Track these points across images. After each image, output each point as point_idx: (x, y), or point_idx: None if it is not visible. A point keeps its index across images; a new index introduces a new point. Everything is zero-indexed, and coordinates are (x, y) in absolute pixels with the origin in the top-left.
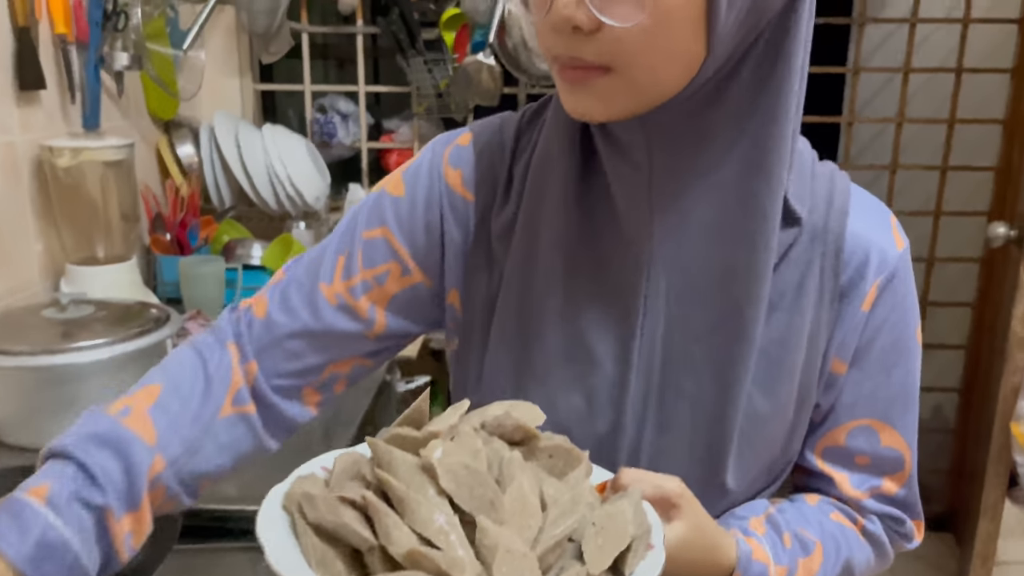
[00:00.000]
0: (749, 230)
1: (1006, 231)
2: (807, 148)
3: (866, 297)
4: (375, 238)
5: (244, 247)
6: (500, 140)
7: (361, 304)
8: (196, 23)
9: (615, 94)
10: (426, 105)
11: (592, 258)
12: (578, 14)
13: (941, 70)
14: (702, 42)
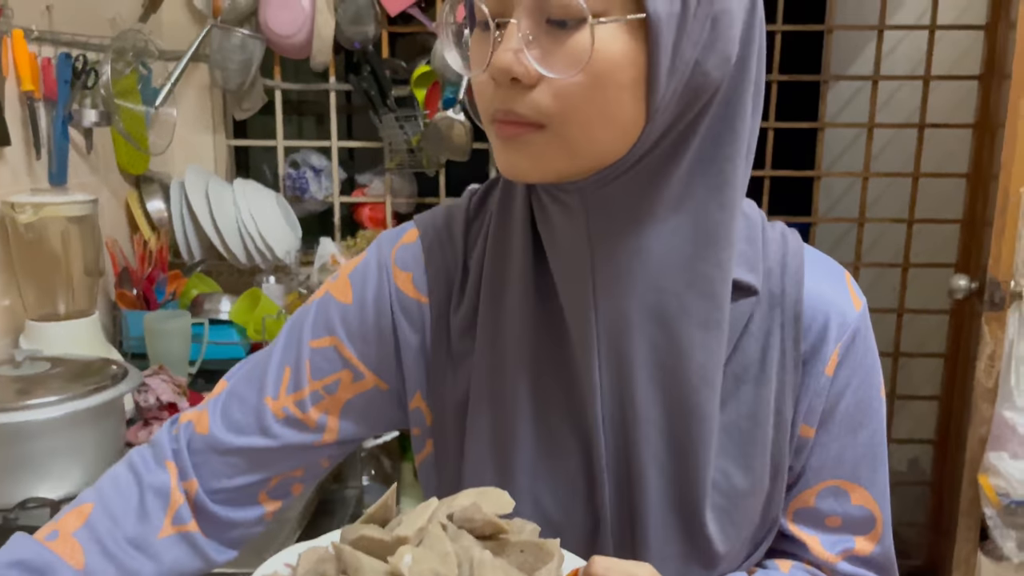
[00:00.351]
0: (698, 312)
1: (967, 283)
2: (754, 211)
3: (829, 361)
4: (323, 347)
5: (212, 301)
6: (449, 234)
7: (311, 415)
8: (169, 80)
9: (549, 152)
10: (398, 160)
11: (554, 349)
12: (516, 65)
13: (905, 125)
14: (642, 108)
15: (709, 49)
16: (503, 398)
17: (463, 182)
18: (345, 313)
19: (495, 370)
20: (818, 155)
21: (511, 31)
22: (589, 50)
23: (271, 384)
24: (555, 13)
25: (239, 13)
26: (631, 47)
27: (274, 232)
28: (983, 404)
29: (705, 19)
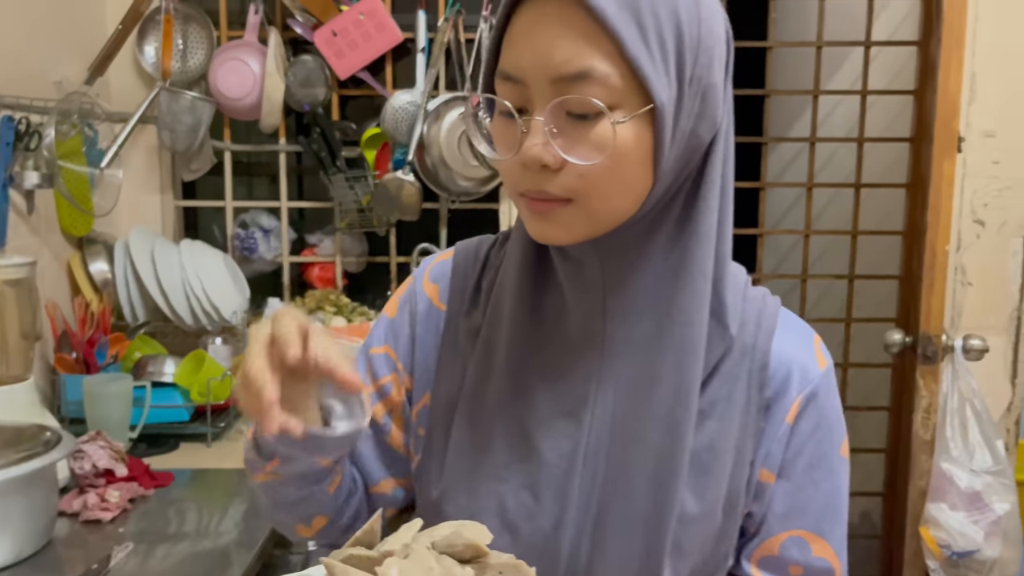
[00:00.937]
0: (680, 340)
1: (902, 338)
2: (742, 274)
3: (790, 410)
4: (379, 354)
5: (156, 364)
6: (475, 256)
7: (375, 411)
8: (115, 142)
9: (576, 222)
10: (348, 220)
11: (542, 369)
12: (545, 155)
13: (841, 185)
14: (650, 175)
15: (700, 118)
16: (486, 404)
17: (414, 241)
18: (391, 325)
19: (484, 379)
20: (760, 214)
21: (537, 125)
22: (610, 140)
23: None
24: (575, 109)
25: (188, 76)
26: (641, 130)
27: (221, 293)
28: (922, 456)
29: (696, 95)
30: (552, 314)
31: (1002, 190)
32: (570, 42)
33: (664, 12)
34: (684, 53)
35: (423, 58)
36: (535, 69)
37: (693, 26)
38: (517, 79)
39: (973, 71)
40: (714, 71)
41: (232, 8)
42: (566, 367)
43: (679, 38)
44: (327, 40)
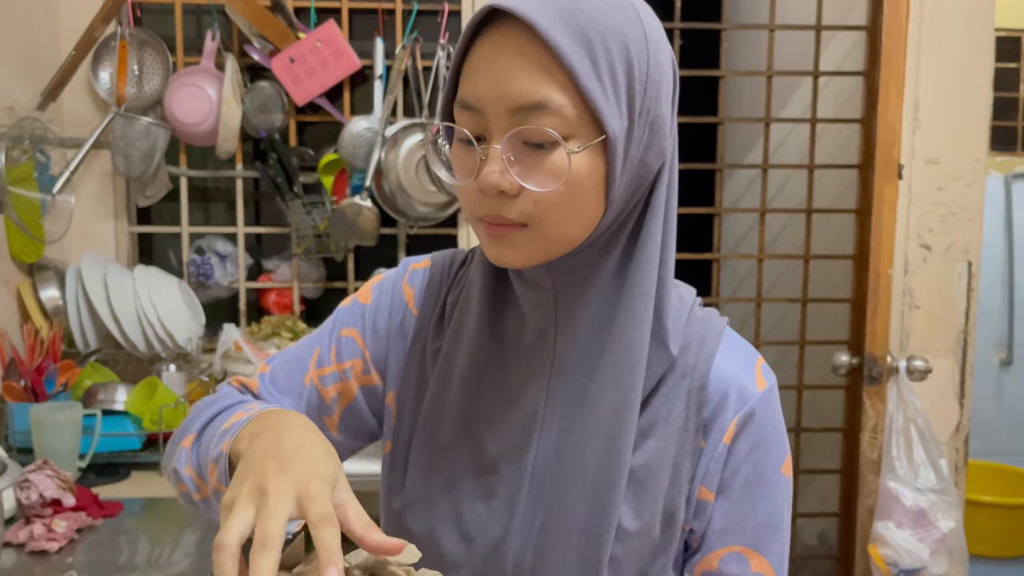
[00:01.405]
0: (620, 359)
1: (849, 359)
2: (690, 295)
3: (727, 430)
4: (347, 336)
5: (107, 391)
6: (448, 270)
7: (328, 391)
8: (68, 168)
9: (531, 246)
10: (305, 246)
11: (498, 386)
12: (503, 181)
13: (793, 211)
14: (602, 202)
15: (649, 148)
16: (444, 417)
17: (371, 266)
18: (364, 311)
19: (443, 393)
20: (715, 239)
21: (495, 153)
22: (566, 169)
23: (305, 362)
24: (532, 138)
25: (144, 101)
26: (594, 159)
27: (175, 319)
28: (869, 475)
29: (645, 126)
30: (511, 332)
31: (946, 216)
32: (527, 74)
33: (615, 47)
34: (634, 86)
35: (381, 85)
36: (493, 99)
37: (643, 60)
38: (476, 108)
39: (917, 100)
40: (662, 103)
41: (188, 34)
42: (520, 384)
43: (629, 72)
44: (284, 67)
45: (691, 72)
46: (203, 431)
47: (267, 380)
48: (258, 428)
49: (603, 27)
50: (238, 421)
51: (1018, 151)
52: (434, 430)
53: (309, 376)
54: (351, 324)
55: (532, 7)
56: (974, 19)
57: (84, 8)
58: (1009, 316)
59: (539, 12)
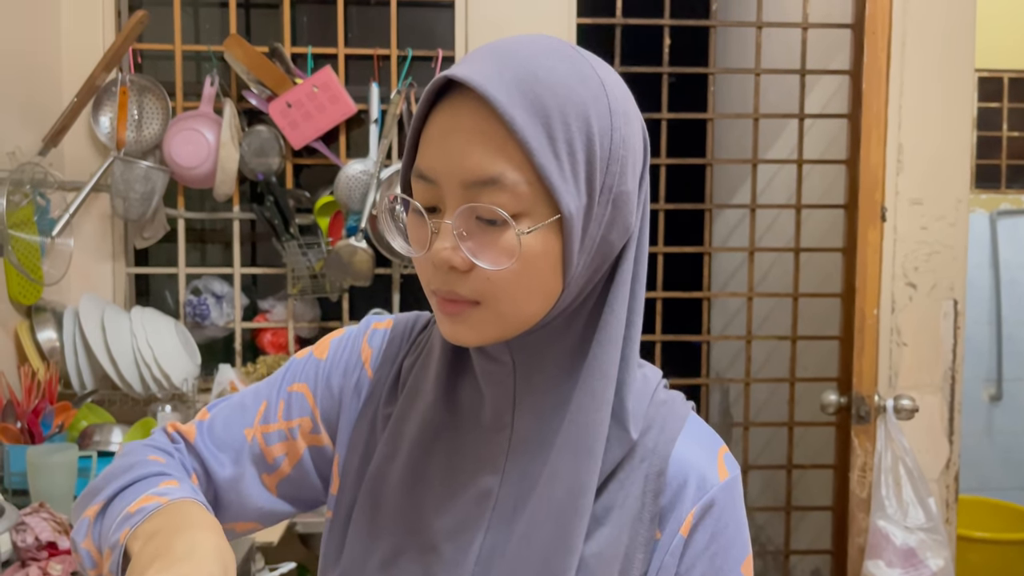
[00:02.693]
0: (577, 440)
1: (836, 398)
2: (655, 376)
3: (684, 522)
4: (296, 392)
5: (103, 433)
6: (409, 334)
7: (273, 450)
8: (67, 211)
9: (485, 324)
10: (300, 286)
11: (448, 458)
12: (454, 257)
13: (781, 249)
14: (559, 280)
15: (612, 225)
16: (388, 491)
17: (366, 306)
18: (318, 368)
19: (388, 465)
20: (705, 277)
21: (447, 228)
22: (516, 249)
23: (249, 416)
24: (484, 214)
25: (143, 145)
26: (550, 237)
27: (171, 360)
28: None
29: (607, 203)
30: (467, 404)
31: (930, 254)
32: (481, 149)
33: (575, 122)
34: (595, 163)
35: (376, 129)
36: (447, 172)
37: (605, 136)
38: (430, 179)
39: (900, 142)
40: (627, 179)
41: (188, 79)
42: (473, 459)
43: (590, 148)
44: (282, 111)
45: (680, 115)
46: (110, 503)
47: (205, 429)
48: (155, 527)
49: (563, 100)
50: (144, 508)
51: (1002, 189)
52: (377, 499)
53: (252, 431)
54: (303, 379)
55: (488, 79)
56: (954, 63)
57: (86, 56)
58: (998, 352)
59: (495, 85)
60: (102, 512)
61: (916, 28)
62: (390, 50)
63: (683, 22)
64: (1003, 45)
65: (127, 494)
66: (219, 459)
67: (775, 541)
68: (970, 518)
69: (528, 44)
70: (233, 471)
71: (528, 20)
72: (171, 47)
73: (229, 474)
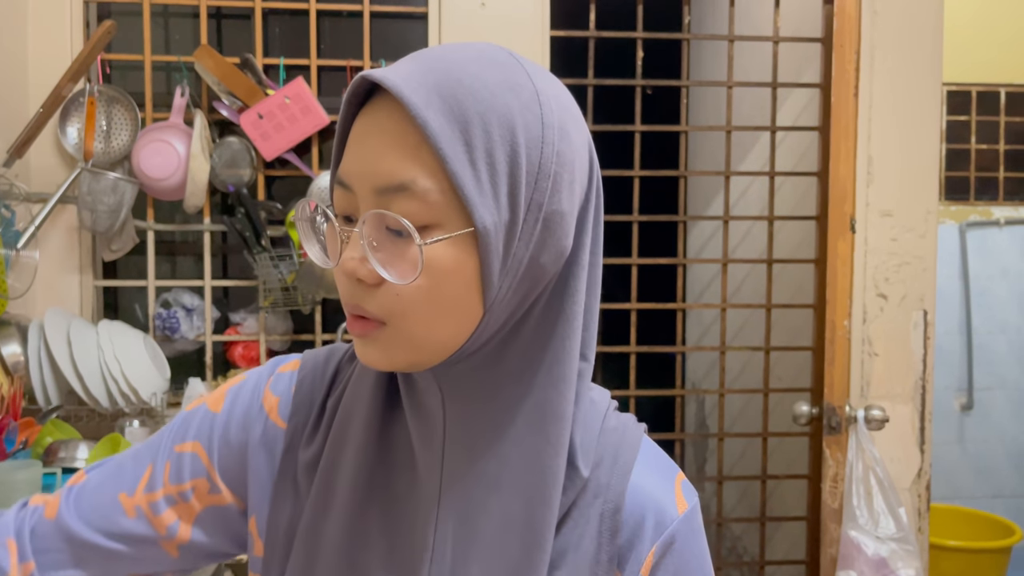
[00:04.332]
0: (529, 487)
1: (809, 409)
2: (604, 399)
3: (644, 562)
4: (185, 452)
5: (68, 449)
6: (323, 371)
7: (162, 519)
8: (33, 223)
9: (394, 346)
10: (272, 299)
11: (386, 507)
12: (361, 269)
13: (754, 260)
14: (478, 302)
15: (541, 246)
16: (322, 544)
17: (338, 319)
18: (213, 422)
19: (320, 516)
20: (678, 288)
21: (355, 237)
22: (418, 261)
23: (129, 481)
24: (392, 224)
25: (112, 157)
26: (463, 253)
27: (140, 374)
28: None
29: (536, 222)
30: (401, 444)
31: (900, 265)
32: (395, 153)
33: (498, 131)
34: (518, 175)
35: None
36: (361, 177)
37: (534, 149)
38: (347, 186)
39: (870, 155)
40: (561, 198)
41: (158, 90)
42: (408, 508)
43: (513, 159)
44: (253, 123)
45: (653, 128)
46: None
47: (73, 496)
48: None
49: (486, 107)
50: None
51: (971, 200)
52: (312, 560)
53: (135, 501)
54: (195, 436)
55: (405, 81)
56: (922, 76)
57: (53, 66)
58: (968, 361)
59: (413, 87)
60: None
61: (884, 42)
62: (363, 62)
63: (656, 35)
64: (971, 59)
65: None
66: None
67: (751, 551)
68: (942, 527)
69: (459, 50)
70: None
71: (501, 32)
72: (140, 57)
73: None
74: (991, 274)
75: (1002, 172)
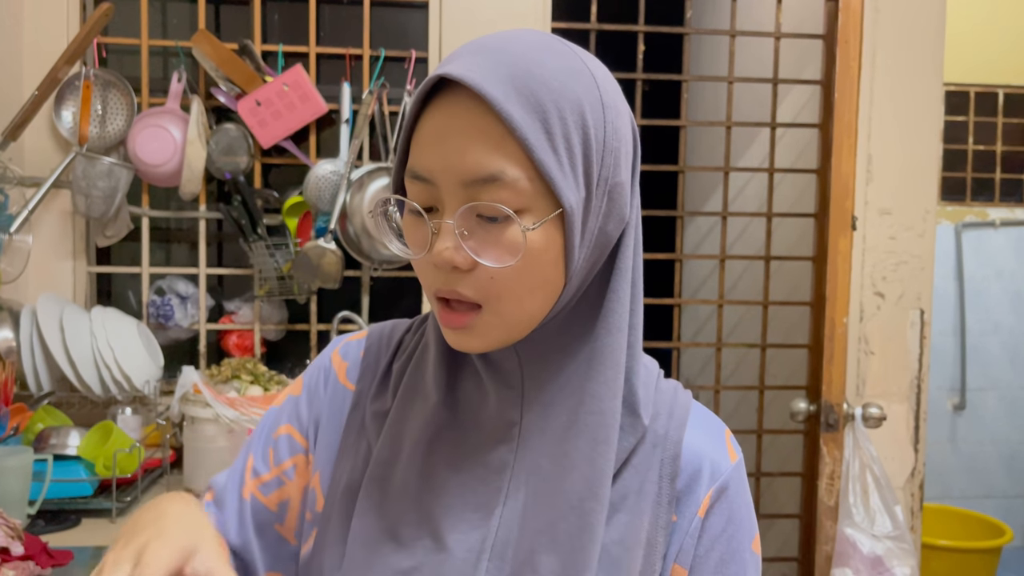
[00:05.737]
0: (590, 428)
1: (807, 406)
2: (654, 366)
3: (701, 504)
4: (281, 436)
5: (60, 436)
6: (388, 338)
7: (272, 498)
8: (26, 207)
9: (490, 329)
10: (267, 288)
11: (454, 459)
12: (457, 257)
13: (752, 257)
14: (561, 275)
15: (608, 216)
16: (391, 493)
17: (334, 309)
18: (297, 404)
19: (390, 468)
20: (676, 284)
21: (448, 228)
22: (521, 244)
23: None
24: (486, 212)
25: (107, 141)
26: (551, 232)
27: (133, 361)
28: (827, 522)
29: (603, 195)
30: (468, 401)
31: (898, 264)
32: (480, 146)
33: (571, 117)
34: (591, 156)
35: (347, 129)
36: (445, 171)
37: (600, 129)
38: (427, 179)
39: (870, 153)
40: (621, 170)
41: (154, 75)
42: (480, 456)
43: (586, 141)
44: (251, 109)
45: (653, 122)
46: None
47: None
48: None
49: (558, 95)
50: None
51: (967, 201)
52: (379, 503)
53: (248, 488)
54: (287, 420)
55: (484, 76)
56: (924, 76)
57: (48, 48)
58: (961, 362)
59: (491, 82)
60: None
61: (887, 40)
62: (362, 50)
63: (658, 28)
64: (970, 60)
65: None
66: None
67: None
68: (934, 526)
69: (518, 40)
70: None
71: (502, 22)
72: (137, 41)
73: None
74: (986, 275)
75: (999, 173)
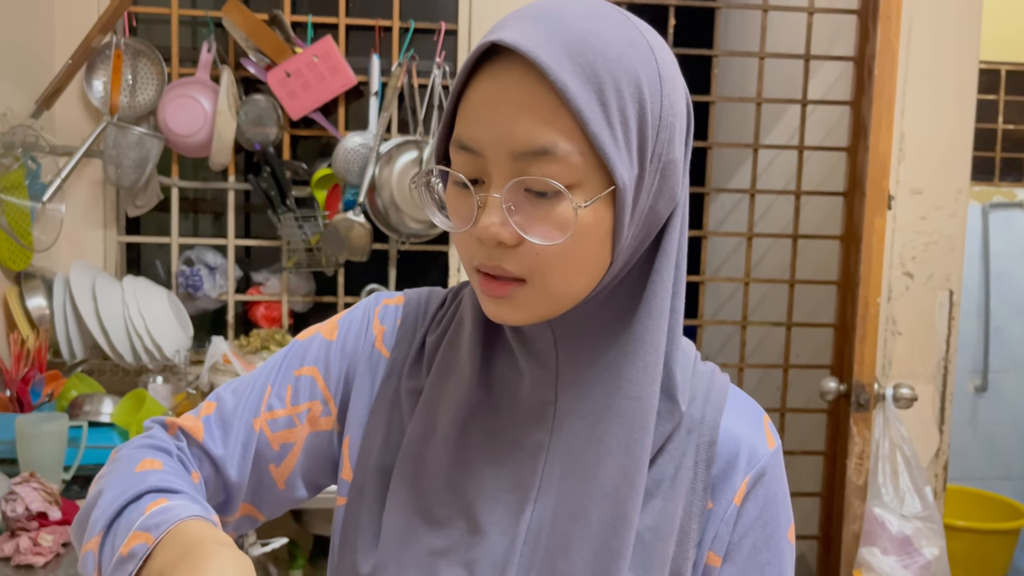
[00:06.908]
0: (628, 412)
1: (836, 386)
2: (691, 349)
3: (738, 491)
4: (303, 376)
5: (93, 403)
6: (425, 308)
7: (278, 436)
8: (59, 176)
9: (532, 303)
10: (295, 259)
11: (488, 438)
12: (503, 232)
13: (779, 235)
14: (608, 253)
15: (659, 195)
16: (425, 470)
17: (362, 281)
18: (328, 349)
19: (424, 444)
20: (702, 261)
21: (494, 202)
22: (572, 222)
23: (253, 403)
24: (535, 187)
25: (137, 111)
26: (601, 209)
27: (164, 330)
28: (855, 501)
29: (656, 172)
30: (502, 380)
31: (928, 244)
32: (532, 117)
33: (628, 89)
34: (646, 131)
35: (376, 101)
36: (494, 143)
37: (656, 103)
38: (474, 150)
39: (902, 131)
40: (675, 147)
41: (184, 45)
42: (514, 437)
43: (641, 116)
44: (280, 80)
45: None
46: (108, 531)
47: (213, 424)
48: (163, 564)
49: (615, 66)
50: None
51: (996, 181)
52: (413, 482)
53: (259, 420)
54: (312, 361)
55: (538, 44)
56: (959, 53)
57: (80, 17)
58: (984, 343)
59: (545, 50)
60: (103, 542)
61: (923, 17)
62: (392, 21)
63: (689, 3)
64: (1002, 37)
65: (123, 517)
66: (229, 456)
67: None
68: (954, 507)
69: (573, 6)
70: (241, 467)
71: None
72: (167, 11)
73: (238, 469)
74: (1012, 256)
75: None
